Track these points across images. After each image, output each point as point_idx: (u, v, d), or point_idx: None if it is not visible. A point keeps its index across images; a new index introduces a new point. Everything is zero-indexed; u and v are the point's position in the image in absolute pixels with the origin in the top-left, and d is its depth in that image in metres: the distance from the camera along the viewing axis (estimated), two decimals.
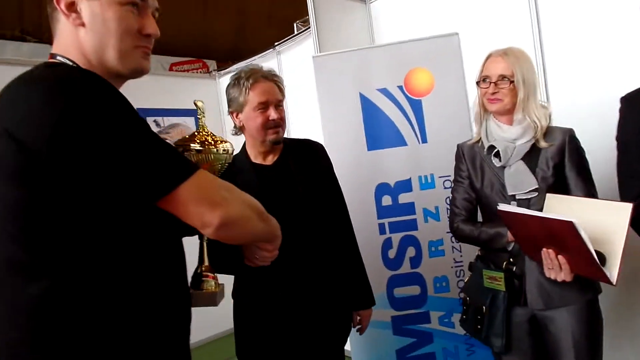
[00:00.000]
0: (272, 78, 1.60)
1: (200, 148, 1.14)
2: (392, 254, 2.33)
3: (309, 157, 1.70)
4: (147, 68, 0.97)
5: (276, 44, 3.06)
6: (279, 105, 1.60)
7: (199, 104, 1.22)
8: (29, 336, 0.80)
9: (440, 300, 2.34)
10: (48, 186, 0.77)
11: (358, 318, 1.80)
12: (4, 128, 0.78)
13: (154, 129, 3.34)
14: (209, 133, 1.19)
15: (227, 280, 1.60)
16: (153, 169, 0.82)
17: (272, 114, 1.57)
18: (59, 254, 0.80)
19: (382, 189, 2.33)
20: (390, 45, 2.39)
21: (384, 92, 2.32)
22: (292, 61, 2.98)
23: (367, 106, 2.33)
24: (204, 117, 1.22)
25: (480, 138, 1.62)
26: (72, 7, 0.88)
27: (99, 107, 0.79)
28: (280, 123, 1.60)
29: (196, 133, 1.18)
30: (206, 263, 1.19)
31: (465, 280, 1.73)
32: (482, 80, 1.57)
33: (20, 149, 0.76)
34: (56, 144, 0.75)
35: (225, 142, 1.20)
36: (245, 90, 1.57)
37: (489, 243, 1.55)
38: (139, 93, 2.99)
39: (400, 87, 2.31)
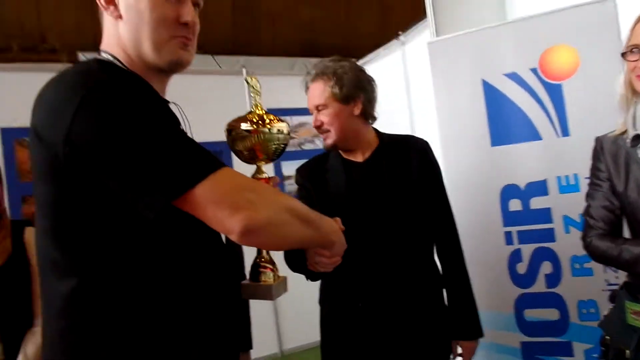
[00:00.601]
0: (317, 79, 1.44)
1: (250, 128, 1.05)
2: (522, 268, 1.97)
3: (407, 155, 1.48)
4: (186, 60, 0.91)
5: (400, 33, 2.85)
6: (318, 108, 1.44)
7: (252, 80, 1.14)
8: (58, 332, 0.81)
9: (587, 330, 1.89)
10: (70, 183, 0.76)
11: (459, 349, 1.52)
12: (33, 126, 0.79)
13: None
14: (263, 112, 1.09)
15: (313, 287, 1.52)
16: (165, 168, 0.74)
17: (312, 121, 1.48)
18: (86, 252, 0.79)
19: (509, 192, 1.98)
20: (520, 22, 2.02)
21: (513, 76, 1.96)
22: (416, 51, 2.74)
23: (491, 94, 2.00)
24: (257, 95, 1.13)
25: (627, 128, 1.23)
26: (110, 0, 0.87)
27: (113, 102, 0.74)
28: (321, 130, 1.45)
29: (248, 112, 1.10)
30: (264, 253, 1.10)
31: (606, 313, 1.34)
32: (629, 50, 1.19)
33: (44, 146, 0.77)
34: (72, 142, 0.73)
35: (282, 121, 1.10)
36: None
37: (633, 266, 1.17)
38: (282, 93, 3.13)
39: (533, 70, 1.94)
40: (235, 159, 1.12)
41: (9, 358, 1.36)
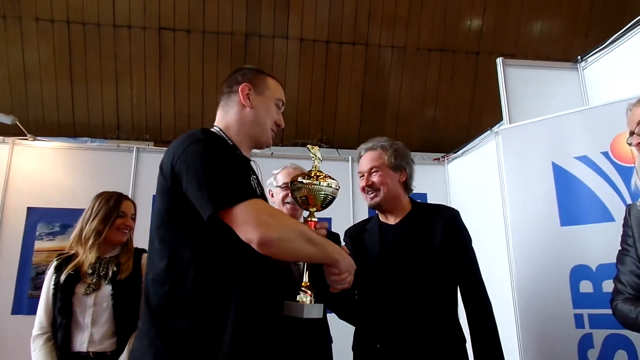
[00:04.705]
0: (377, 149, 1.74)
1: (304, 180, 1.40)
2: (593, 355, 1.86)
3: (432, 223, 1.66)
4: (270, 143, 1.41)
5: (497, 125, 3.03)
6: (371, 170, 1.73)
7: (313, 150, 1.49)
8: (145, 310, 1.18)
9: None
10: (172, 197, 1.19)
11: None
12: (160, 164, 1.26)
13: None
14: (318, 171, 1.43)
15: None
16: (223, 189, 1.12)
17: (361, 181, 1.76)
18: (174, 242, 1.19)
19: (579, 273, 1.94)
20: (590, 109, 2.09)
21: (583, 159, 2.02)
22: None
23: (561, 176, 2.06)
24: (318, 161, 1.47)
25: None
26: (247, 96, 1.36)
27: (198, 152, 1.18)
28: (371, 188, 1.71)
29: (308, 171, 1.45)
30: (305, 280, 1.36)
31: None
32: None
33: (162, 175, 1.23)
34: (174, 171, 1.18)
35: (332, 179, 1.42)
36: None
37: None
38: None
39: (604, 154, 1.98)
40: None
41: (120, 349, 1.78)
